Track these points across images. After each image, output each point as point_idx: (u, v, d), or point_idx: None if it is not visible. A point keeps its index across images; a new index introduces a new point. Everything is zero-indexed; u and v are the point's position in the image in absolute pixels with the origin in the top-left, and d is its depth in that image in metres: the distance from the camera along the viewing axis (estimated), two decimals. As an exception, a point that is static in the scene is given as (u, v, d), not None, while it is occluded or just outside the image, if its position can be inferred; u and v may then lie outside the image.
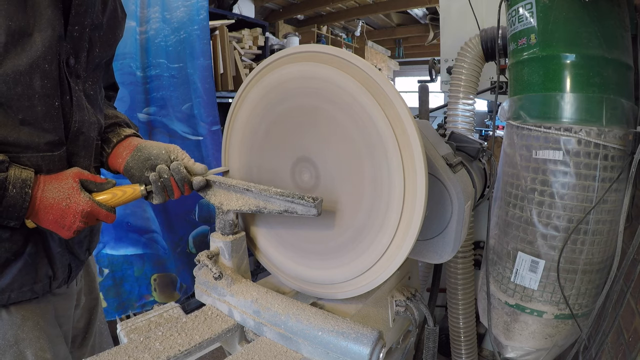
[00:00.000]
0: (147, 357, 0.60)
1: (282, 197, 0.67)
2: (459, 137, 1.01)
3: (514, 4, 0.90)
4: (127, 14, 0.92)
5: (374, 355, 0.58)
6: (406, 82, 8.71)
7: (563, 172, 0.84)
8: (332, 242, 0.72)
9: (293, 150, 0.74)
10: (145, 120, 2.13)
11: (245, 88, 0.79)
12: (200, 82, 2.30)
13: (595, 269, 0.87)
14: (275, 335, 0.67)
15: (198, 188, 0.78)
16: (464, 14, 1.68)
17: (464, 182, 0.77)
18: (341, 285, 0.74)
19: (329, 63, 0.66)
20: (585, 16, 0.81)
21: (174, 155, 0.80)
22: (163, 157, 0.79)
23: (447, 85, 1.49)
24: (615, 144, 0.81)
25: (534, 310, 0.91)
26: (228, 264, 0.77)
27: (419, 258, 0.78)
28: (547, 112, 0.85)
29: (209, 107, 2.36)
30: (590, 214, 0.83)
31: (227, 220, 0.77)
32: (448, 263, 1.32)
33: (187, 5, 2.22)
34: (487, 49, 1.28)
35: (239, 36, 2.91)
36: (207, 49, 2.33)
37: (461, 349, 1.37)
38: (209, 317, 0.73)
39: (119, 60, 1.93)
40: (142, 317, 0.74)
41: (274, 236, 0.81)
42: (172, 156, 0.79)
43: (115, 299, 2.00)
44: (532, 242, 0.90)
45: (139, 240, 2.08)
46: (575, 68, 0.82)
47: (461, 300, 1.31)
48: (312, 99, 0.69)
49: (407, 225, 0.63)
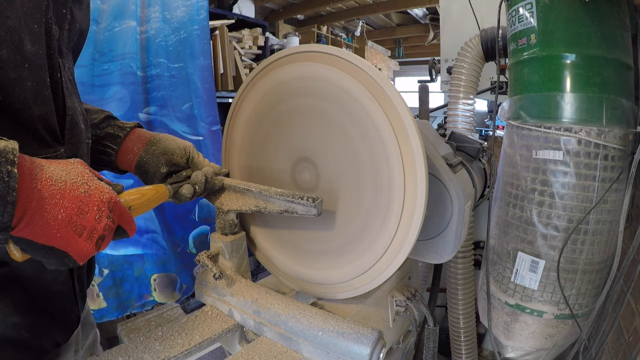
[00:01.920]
0: (147, 357, 0.60)
1: (282, 197, 0.67)
2: (459, 137, 1.01)
3: (514, 4, 0.90)
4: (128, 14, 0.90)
5: (374, 355, 0.58)
6: (406, 82, 8.71)
7: (563, 172, 0.84)
8: (332, 242, 0.72)
9: (293, 150, 0.74)
10: (145, 120, 2.13)
11: (246, 88, 0.79)
12: (201, 82, 2.30)
13: (595, 269, 0.87)
14: (275, 335, 0.67)
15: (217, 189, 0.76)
16: (464, 14, 1.68)
17: (464, 182, 0.77)
18: (341, 285, 0.74)
19: (329, 63, 0.66)
20: (585, 16, 0.81)
21: (188, 153, 0.75)
22: (180, 153, 0.74)
23: (447, 85, 1.49)
24: (615, 144, 0.81)
25: (534, 310, 0.91)
26: (228, 264, 0.77)
27: (419, 258, 0.78)
28: (547, 112, 0.85)
29: (209, 107, 2.36)
30: (590, 214, 0.83)
31: (227, 220, 0.77)
32: (448, 263, 1.32)
33: (187, 5, 2.22)
34: (487, 49, 1.28)
35: (239, 36, 2.91)
36: (207, 48, 2.33)
37: (461, 349, 1.37)
38: (209, 317, 0.73)
39: (118, 60, 1.93)
40: (142, 317, 0.74)
41: (274, 236, 0.81)
42: (188, 154, 0.75)
43: (115, 299, 2.00)
44: (532, 242, 0.90)
45: (139, 240, 2.08)
46: (575, 68, 0.82)
47: (461, 300, 1.31)
48: (312, 99, 0.69)
49: (407, 225, 0.63)
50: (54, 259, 0.44)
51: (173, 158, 0.73)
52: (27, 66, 0.49)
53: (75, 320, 0.68)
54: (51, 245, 0.42)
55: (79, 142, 0.61)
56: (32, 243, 0.42)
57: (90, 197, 0.45)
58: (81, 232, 0.44)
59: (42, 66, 0.51)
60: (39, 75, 0.51)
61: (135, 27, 1.99)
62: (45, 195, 0.41)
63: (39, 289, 0.57)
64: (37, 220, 0.41)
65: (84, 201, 0.44)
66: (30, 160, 0.42)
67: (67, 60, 0.63)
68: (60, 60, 0.57)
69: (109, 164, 0.76)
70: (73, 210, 0.43)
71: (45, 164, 0.44)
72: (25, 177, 0.40)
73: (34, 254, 0.43)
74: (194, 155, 0.76)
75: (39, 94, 0.51)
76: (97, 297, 1.94)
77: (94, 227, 0.45)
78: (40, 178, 0.41)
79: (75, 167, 0.47)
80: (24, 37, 0.48)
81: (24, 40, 0.48)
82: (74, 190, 0.44)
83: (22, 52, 0.48)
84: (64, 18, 0.59)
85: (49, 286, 0.59)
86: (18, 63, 0.47)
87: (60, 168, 0.45)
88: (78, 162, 0.48)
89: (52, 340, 0.62)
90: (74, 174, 0.45)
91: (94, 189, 0.46)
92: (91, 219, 0.45)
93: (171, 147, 0.74)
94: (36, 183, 0.41)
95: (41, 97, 0.51)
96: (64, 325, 0.65)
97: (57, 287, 0.61)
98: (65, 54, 0.61)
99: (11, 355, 0.55)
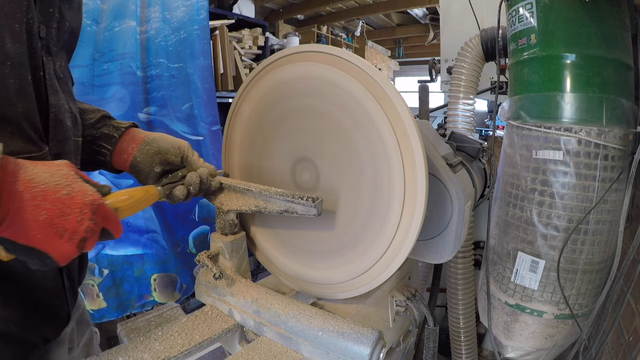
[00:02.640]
0: (147, 357, 0.60)
1: (282, 197, 0.67)
2: (459, 137, 1.01)
3: (514, 4, 0.90)
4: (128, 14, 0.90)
5: (374, 355, 0.58)
6: (406, 82, 8.71)
7: (563, 172, 0.84)
8: (332, 242, 0.72)
9: (293, 150, 0.74)
10: (145, 120, 2.12)
11: (246, 88, 0.79)
12: (200, 82, 2.30)
13: (595, 269, 0.87)
14: (275, 335, 0.67)
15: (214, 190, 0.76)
16: (464, 14, 1.68)
17: (464, 182, 0.77)
18: (341, 285, 0.74)
19: (329, 63, 0.66)
20: (585, 16, 0.81)
21: (183, 152, 0.75)
22: (174, 152, 0.74)
23: (447, 85, 1.49)
24: (615, 144, 0.81)
25: (534, 310, 0.91)
26: (228, 264, 0.77)
27: (419, 258, 0.78)
28: (547, 112, 0.85)
29: (209, 107, 2.36)
30: (590, 214, 0.83)
31: (227, 220, 0.77)
32: (448, 263, 1.32)
33: (187, 5, 2.22)
34: (487, 49, 1.28)
35: (239, 36, 2.91)
36: (207, 48, 2.33)
37: (461, 349, 1.37)
38: (209, 317, 0.73)
39: (118, 60, 1.93)
40: (142, 317, 0.74)
41: (274, 236, 0.81)
42: (182, 153, 0.75)
43: (115, 299, 2.00)
44: (532, 242, 0.90)
45: (139, 240, 2.08)
46: (575, 68, 0.82)
47: (461, 300, 1.31)
48: (312, 99, 0.69)
49: (407, 225, 0.63)
50: (35, 259, 0.45)
51: (167, 157, 0.73)
52: (9, 64, 0.50)
53: (65, 316, 0.68)
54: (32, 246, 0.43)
55: (64, 140, 0.61)
56: (15, 243, 0.42)
57: (73, 199, 0.45)
58: (62, 234, 0.44)
59: (23, 64, 0.52)
60: (20, 73, 0.51)
61: (135, 27, 1.99)
62: (26, 197, 0.42)
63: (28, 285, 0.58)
64: (18, 222, 0.41)
65: (66, 203, 0.45)
66: (15, 162, 0.43)
67: (58, 59, 0.64)
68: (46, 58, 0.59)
69: (105, 164, 0.77)
70: (55, 213, 0.43)
71: (29, 166, 0.44)
72: (8, 179, 0.40)
73: (17, 254, 0.44)
74: (188, 154, 0.76)
75: (21, 91, 0.51)
76: (97, 297, 1.94)
77: (75, 229, 0.45)
78: (23, 180, 0.42)
79: (60, 169, 0.47)
80: (5, 35, 0.49)
81: (5, 38, 0.49)
82: (56, 192, 0.44)
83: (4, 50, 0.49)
84: (52, 17, 0.60)
85: (39, 282, 0.59)
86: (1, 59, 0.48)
87: (44, 170, 0.45)
88: (64, 164, 0.49)
89: (40, 335, 0.63)
90: (58, 175, 0.46)
91: (77, 191, 0.46)
92: (73, 221, 0.45)
93: (165, 146, 0.74)
94: (18, 185, 0.41)
95: (24, 94, 0.52)
96: (53, 321, 0.65)
97: (46, 283, 0.61)
98: (55, 52, 0.62)
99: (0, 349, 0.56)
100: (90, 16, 1.80)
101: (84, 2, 0.73)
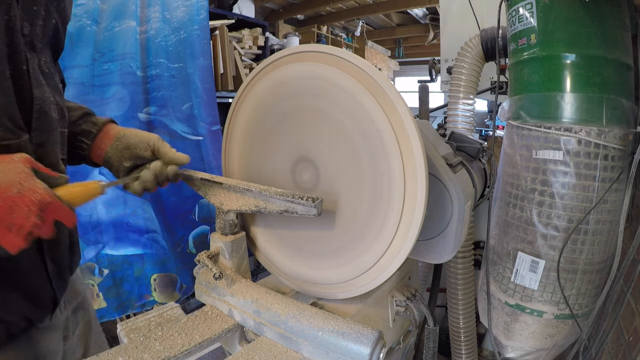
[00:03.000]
0: (147, 357, 0.60)
1: (282, 197, 0.67)
2: (459, 137, 1.01)
3: (514, 4, 0.90)
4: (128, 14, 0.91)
5: (374, 356, 0.58)
6: (406, 82, 8.71)
7: (563, 172, 0.84)
8: (332, 242, 0.72)
9: (293, 150, 0.74)
10: (145, 120, 2.13)
11: (246, 88, 0.79)
12: (200, 82, 2.30)
13: (595, 269, 0.87)
14: (275, 335, 0.67)
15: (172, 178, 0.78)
16: (464, 14, 1.68)
17: (464, 182, 0.77)
18: (341, 285, 0.74)
19: (329, 63, 0.66)
20: (585, 16, 0.81)
21: (152, 146, 0.77)
22: (142, 147, 0.77)
23: (447, 85, 1.49)
24: (615, 144, 0.81)
25: (534, 310, 0.91)
26: (228, 264, 0.77)
27: (419, 258, 0.78)
28: (547, 112, 0.85)
29: (209, 107, 2.36)
30: (590, 214, 0.83)
31: (227, 220, 0.77)
32: (448, 263, 1.32)
33: (187, 5, 2.22)
34: (487, 49, 1.28)
35: (239, 36, 2.92)
36: (207, 48, 2.33)
37: (461, 349, 1.37)
38: (209, 317, 0.73)
39: (118, 60, 1.93)
40: (142, 317, 0.74)
41: (274, 236, 0.81)
42: (152, 147, 0.77)
43: (115, 299, 2.00)
44: (532, 242, 0.90)
45: (139, 240, 2.08)
46: (575, 68, 0.82)
47: (461, 300, 1.31)
48: (312, 99, 0.69)
49: (407, 225, 0.63)
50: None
51: (136, 152, 0.76)
52: None
53: (49, 299, 0.69)
54: None
55: (49, 130, 0.65)
56: None
57: (22, 197, 0.49)
58: (11, 226, 0.48)
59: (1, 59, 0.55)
60: None
61: (135, 27, 1.99)
62: None
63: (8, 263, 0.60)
64: None
65: (16, 201, 0.48)
66: None
67: (42, 55, 0.67)
68: (30, 54, 0.62)
69: (84, 158, 0.81)
70: (4, 210, 0.47)
71: None
72: None
73: None
74: (158, 146, 0.78)
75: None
76: (97, 297, 1.95)
77: (22, 224, 0.49)
78: None
79: (15, 166, 0.51)
80: None
81: None
82: (7, 190, 0.48)
83: None
84: (37, 15, 0.63)
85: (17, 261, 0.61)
86: None
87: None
88: (20, 160, 0.52)
89: (22, 316, 0.65)
90: (13, 173, 0.49)
91: (27, 189, 0.49)
92: (20, 217, 0.48)
93: (133, 141, 0.77)
94: None
95: (1, 87, 0.55)
96: (36, 303, 0.67)
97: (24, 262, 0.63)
98: (40, 48, 0.65)
99: None
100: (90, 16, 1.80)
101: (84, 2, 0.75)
